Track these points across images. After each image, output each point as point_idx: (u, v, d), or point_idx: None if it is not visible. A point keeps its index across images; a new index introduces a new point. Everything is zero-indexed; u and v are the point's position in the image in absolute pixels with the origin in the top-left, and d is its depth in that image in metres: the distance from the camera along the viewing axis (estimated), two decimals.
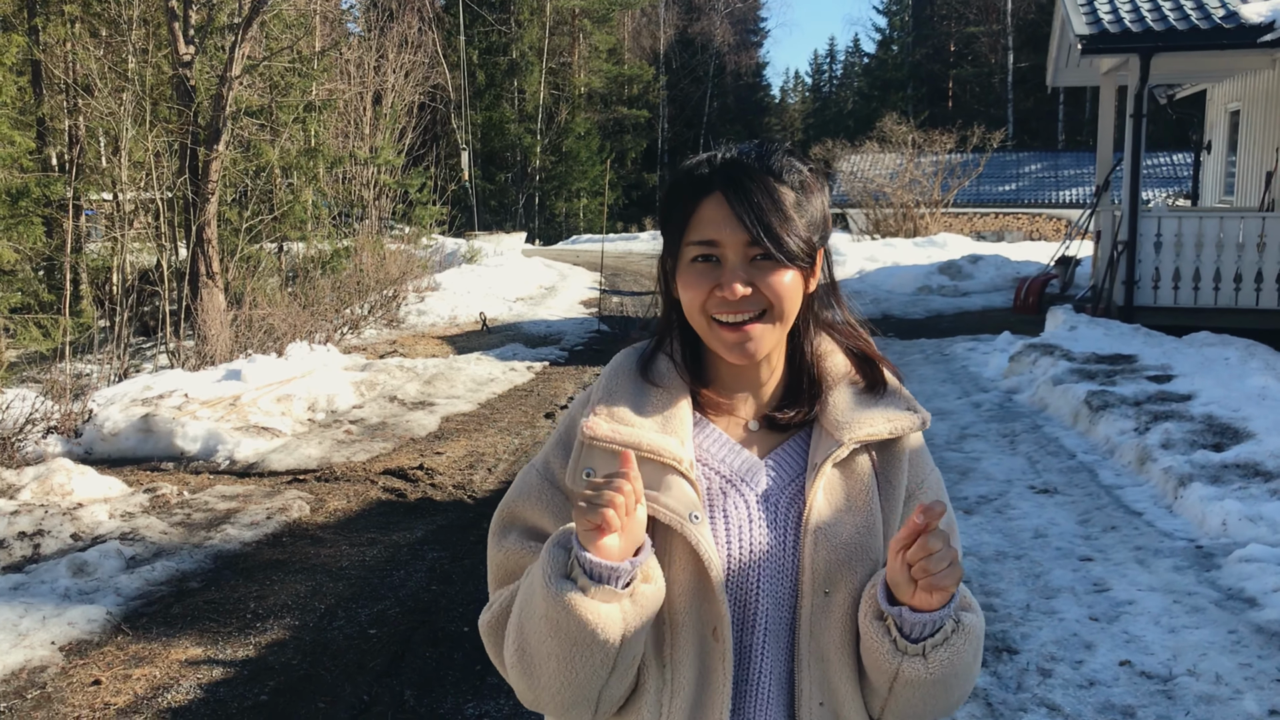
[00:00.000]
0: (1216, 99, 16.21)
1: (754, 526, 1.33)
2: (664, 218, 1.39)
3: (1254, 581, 4.73)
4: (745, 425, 1.40)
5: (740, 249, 1.30)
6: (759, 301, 1.31)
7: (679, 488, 1.30)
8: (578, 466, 1.35)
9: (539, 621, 1.23)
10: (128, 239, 13.18)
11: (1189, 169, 24.88)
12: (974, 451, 7.37)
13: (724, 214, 1.30)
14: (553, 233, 39.16)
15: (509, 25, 38.74)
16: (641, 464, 1.29)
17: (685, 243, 1.33)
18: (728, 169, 1.33)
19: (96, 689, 4.10)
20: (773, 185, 1.32)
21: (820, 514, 1.32)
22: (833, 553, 1.32)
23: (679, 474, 1.31)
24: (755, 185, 1.31)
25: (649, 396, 1.37)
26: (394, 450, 7.84)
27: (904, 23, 51.96)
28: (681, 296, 1.35)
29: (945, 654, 1.26)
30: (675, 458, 1.31)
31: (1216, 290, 10.96)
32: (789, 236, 1.30)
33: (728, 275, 1.30)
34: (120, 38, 13.82)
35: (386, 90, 19.31)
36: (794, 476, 1.37)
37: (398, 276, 15.95)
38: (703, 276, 1.32)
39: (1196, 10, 10.74)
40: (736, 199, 1.30)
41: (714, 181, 1.32)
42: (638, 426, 1.33)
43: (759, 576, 1.32)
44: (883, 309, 15.29)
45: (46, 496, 6.30)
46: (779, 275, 1.31)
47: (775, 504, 1.35)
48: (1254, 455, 6.27)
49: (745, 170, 1.32)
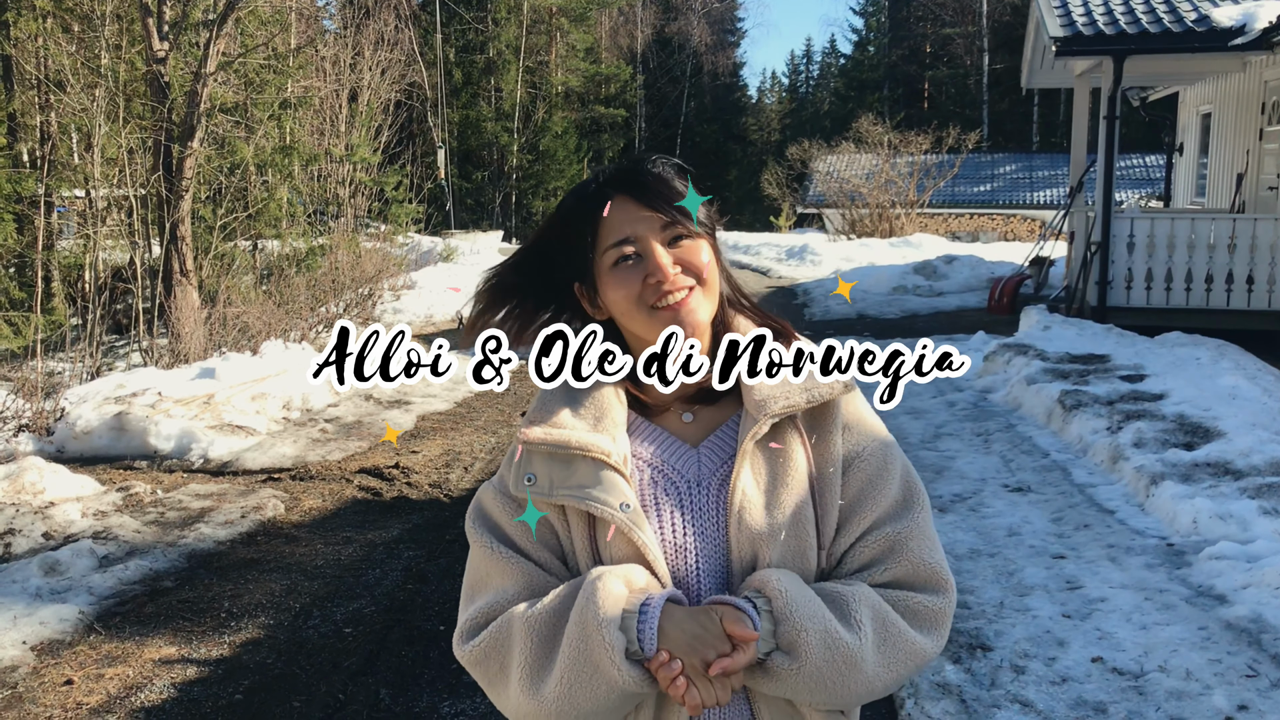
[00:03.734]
0: (1188, 101, 16.36)
1: (685, 514, 1.39)
2: (566, 240, 1.44)
3: (1224, 579, 4.78)
4: (680, 417, 1.46)
5: (657, 234, 1.39)
6: (688, 277, 1.39)
7: (610, 481, 1.36)
8: (520, 474, 1.40)
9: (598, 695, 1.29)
10: (100, 236, 13.06)
11: (1162, 171, 25.10)
12: (948, 450, 7.42)
13: (631, 210, 1.39)
14: (529, 231, 38.98)
15: (486, 23, 38.62)
16: (574, 462, 1.38)
17: (601, 250, 1.40)
18: (618, 176, 1.42)
19: (69, 689, 4.07)
20: (660, 176, 1.42)
21: (744, 494, 1.36)
22: (756, 530, 1.35)
23: (610, 468, 1.37)
24: (647, 177, 1.41)
25: (581, 398, 1.43)
26: (369, 449, 7.82)
27: (880, 24, 52.16)
28: (612, 300, 1.41)
29: (773, 684, 1.32)
30: (604, 452, 1.37)
31: (1188, 291, 11.07)
32: (698, 208, 1.40)
33: (654, 261, 1.38)
34: (93, 33, 13.68)
35: (363, 88, 19.21)
36: (723, 461, 1.42)
37: (374, 275, 15.87)
38: (630, 272, 1.39)
39: (1169, 13, 10.84)
40: (639, 192, 1.39)
41: (608, 190, 1.41)
42: (569, 427, 1.39)
43: (696, 561, 1.37)
44: (858, 309, 15.36)
45: (18, 495, 6.24)
46: (696, 247, 1.40)
47: (706, 489, 1.40)
48: (1224, 454, 6.34)
49: (633, 171, 1.42)
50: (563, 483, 1.37)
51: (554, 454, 1.38)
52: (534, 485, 1.38)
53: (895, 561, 1.39)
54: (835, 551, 1.40)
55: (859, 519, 1.40)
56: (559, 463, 1.38)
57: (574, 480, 1.37)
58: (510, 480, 1.42)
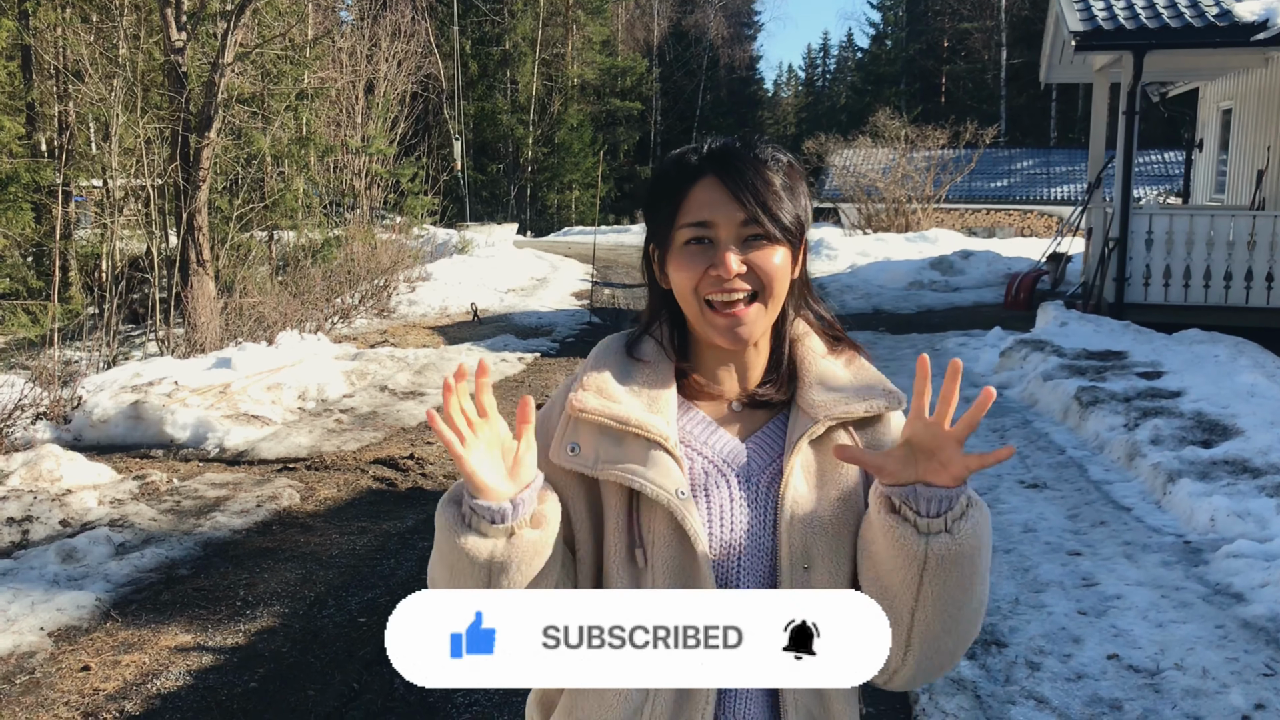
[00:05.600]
0: (1209, 97, 16.24)
1: (735, 507, 1.36)
2: (651, 206, 1.41)
3: (1241, 577, 4.76)
4: (729, 406, 1.43)
5: (734, 229, 1.34)
6: (751, 281, 1.34)
7: (665, 464, 1.33)
8: (563, 441, 1.36)
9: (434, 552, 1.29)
10: (117, 226, 13.13)
11: (1180, 167, 24.96)
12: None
13: (718, 195, 1.34)
14: (544, 224, 39.10)
15: (502, 16, 38.63)
16: (627, 440, 1.34)
17: (678, 226, 1.36)
18: (718, 154, 1.37)
19: (86, 675, 4.10)
20: (763, 169, 1.35)
21: (797, 491, 1.35)
22: (809, 528, 1.34)
23: (665, 450, 1.33)
24: (747, 167, 1.35)
25: (635, 373, 1.40)
26: (384, 439, 7.83)
27: (898, 18, 51.92)
28: (673, 279, 1.38)
29: (968, 525, 1.26)
30: (661, 435, 1.34)
31: (1207, 288, 11.00)
32: (782, 212, 1.34)
33: (721, 253, 1.33)
34: (111, 23, 13.72)
35: (379, 79, 19.24)
36: (774, 457, 1.40)
37: (389, 266, 15.91)
38: (696, 258, 1.35)
39: (1190, 8, 10.75)
40: (730, 179, 1.34)
41: (705, 166, 1.36)
42: (624, 403, 1.36)
43: (740, 556, 1.35)
44: (874, 304, 15.31)
45: (35, 483, 6.28)
46: (770, 254, 1.34)
47: (756, 484, 1.38)
48: (1242, 452, 6.30)
49: (735, 154, 1.36)
50: (611, 459, 1.33)
51: (605, 428, 1.35)
52: (578, 455, 1.34)
53: None
54: None
55: None
56: (609, 437, 1.34)
57: (624, 456, 1.33)
58: (552, 446, 1.37)
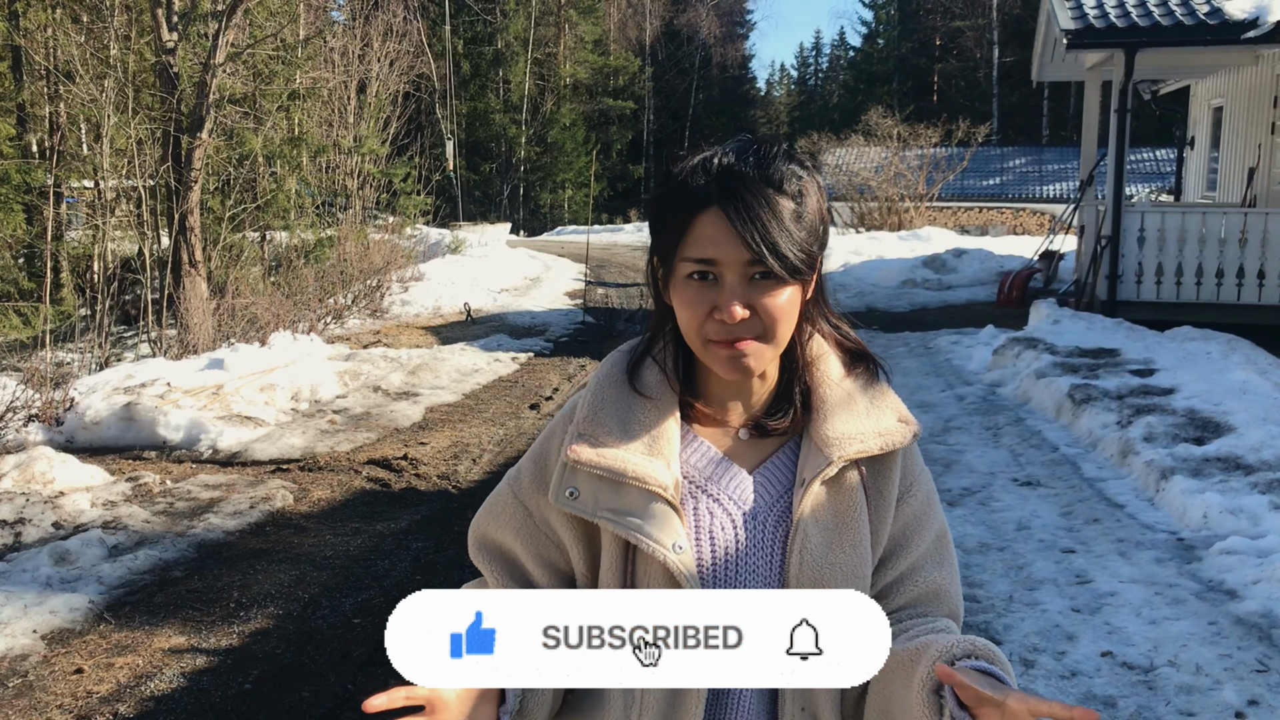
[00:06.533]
0: (1200, 95, 16.28)
1: (739, 545, 1.32)
2: (656, 223, 1.32)
3: (1234, 574, 4.77)
4: (735, 434, 1.37)
5: (740, 268, 1.24)
6: (754, 326, 1.26)
7: (663, 516, 1.28)
8: (561, 486, 1.33)
9: None
10: (109, 227, 13.08)
11: (1172, 164, 25.01)
12: (957, 444, 7.40)
13: (723, 231, 1.24)
14: (537, 224, 39.09)
15: (494, 15, 38.60)
16: (626, 490, 1.29)
17: (680, 257, 1.27)
18: (726, 181, 1.25)
19: (79, 677, 4.08)
20: (773, 197, 1.25)
21: (806, 531, 1.30)
22: (818, 571, 1.29)
23: (664, 501, 1.29)
24: (755, 198, 1.23)
25: (636, 412, 1.34)
26: (378, 440, 7.82)
27: (890, 16, 52.00)
28: (677, 311, 1.30)
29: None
30: (660, 485, 1.29)
31: (1199, 285, 11.03)
32: (791, 252, 1.24)
33: (726, 297, 1.24)
34: (102, 24, 13.69)
35: (371, 79, 19.20)
36: (781, 493, 1.35)
37: (382, 266, 15.88)
38: (700, 295, 1.26)
39: (1181, 6, 10.78)
40: (737, 215, 1.23)
41: (711, 194, 1.25)
42: (623, 449, 1.31)
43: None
44: (867, 302, 15.33)
45: (28, 485, 6.26)
46: (777, 294, 1.26)
47: (763, 522, 1.33)
48: (1235, 449, 6.31)
49: (744, 181, 1.24)
50: (610, 505, 1.30)
51: (603, 477, 1.31)
52: (577, 500, 1.31)
53: (937, 606, 1.41)
54: (876, 583, 1.38)
55: (902, 556, 1.39)
56: (608, 485, 1.30)
57: (623, 506, 1.29)
58: (538, 487, 1.38)
